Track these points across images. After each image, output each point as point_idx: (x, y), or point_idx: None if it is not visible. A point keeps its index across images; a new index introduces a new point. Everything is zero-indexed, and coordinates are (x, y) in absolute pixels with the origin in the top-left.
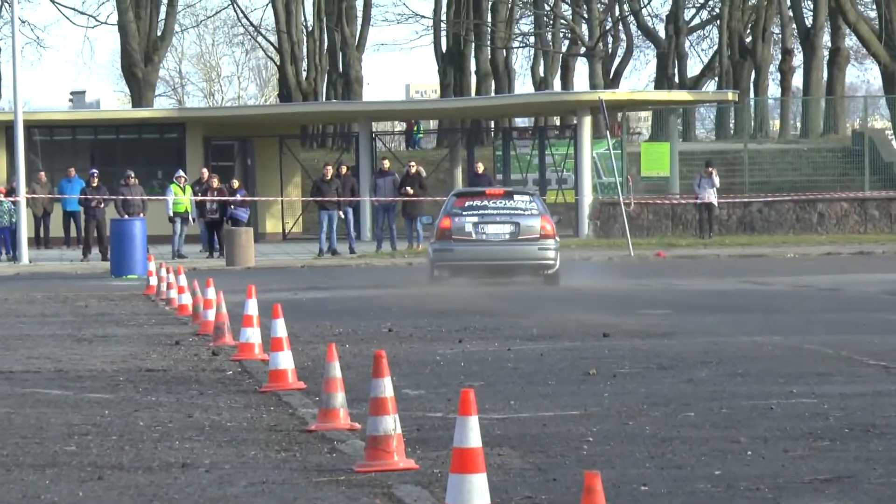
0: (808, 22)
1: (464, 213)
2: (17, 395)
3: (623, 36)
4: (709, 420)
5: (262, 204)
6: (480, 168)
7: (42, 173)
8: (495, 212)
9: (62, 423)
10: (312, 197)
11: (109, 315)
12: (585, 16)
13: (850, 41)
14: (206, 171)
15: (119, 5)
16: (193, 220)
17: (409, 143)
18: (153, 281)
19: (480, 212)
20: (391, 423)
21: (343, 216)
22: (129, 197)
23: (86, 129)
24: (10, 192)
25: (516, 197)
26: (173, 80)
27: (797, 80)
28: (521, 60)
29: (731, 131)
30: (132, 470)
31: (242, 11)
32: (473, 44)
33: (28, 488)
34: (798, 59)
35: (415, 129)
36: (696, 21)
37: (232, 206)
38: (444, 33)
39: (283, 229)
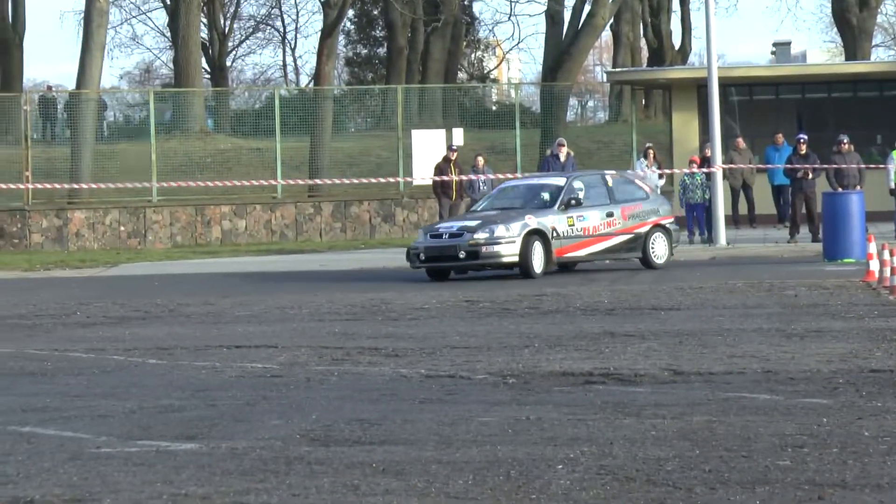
0: None
1: None
2: (719, 400)
3: None
4: None
5: None
6: None
7: (740, 139)
8: None
9: (772, 433)
10: None
11: (823, 306)
12: None
13: None
14: None
15: None
16: None
17: None
18: (874, 265)
19: None
20: None
21: None
22: (842, 166)
23: (790, 86)
24: (704, 161)
25: None
26: (893, 28)
27: None
28: None
29: None
30: (857, 488)
31: None
32: None
33: None
34: None
35: None
36: None
37: None
38: None
39: None
